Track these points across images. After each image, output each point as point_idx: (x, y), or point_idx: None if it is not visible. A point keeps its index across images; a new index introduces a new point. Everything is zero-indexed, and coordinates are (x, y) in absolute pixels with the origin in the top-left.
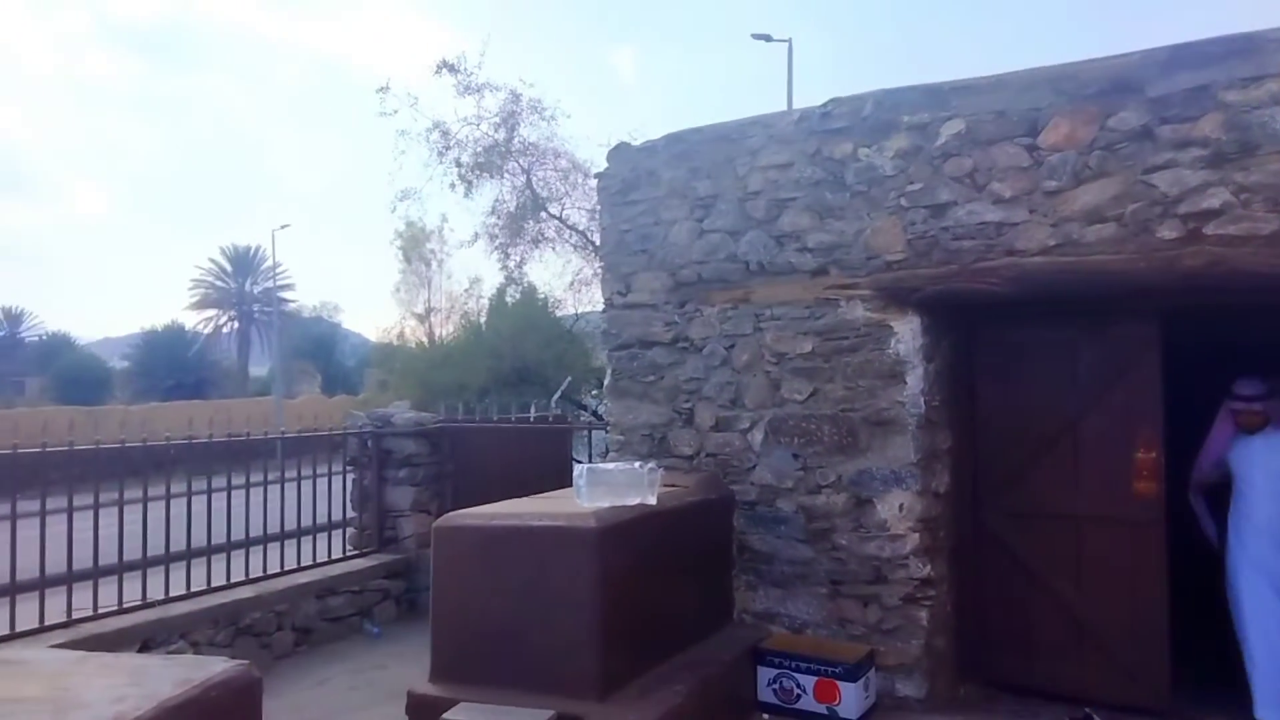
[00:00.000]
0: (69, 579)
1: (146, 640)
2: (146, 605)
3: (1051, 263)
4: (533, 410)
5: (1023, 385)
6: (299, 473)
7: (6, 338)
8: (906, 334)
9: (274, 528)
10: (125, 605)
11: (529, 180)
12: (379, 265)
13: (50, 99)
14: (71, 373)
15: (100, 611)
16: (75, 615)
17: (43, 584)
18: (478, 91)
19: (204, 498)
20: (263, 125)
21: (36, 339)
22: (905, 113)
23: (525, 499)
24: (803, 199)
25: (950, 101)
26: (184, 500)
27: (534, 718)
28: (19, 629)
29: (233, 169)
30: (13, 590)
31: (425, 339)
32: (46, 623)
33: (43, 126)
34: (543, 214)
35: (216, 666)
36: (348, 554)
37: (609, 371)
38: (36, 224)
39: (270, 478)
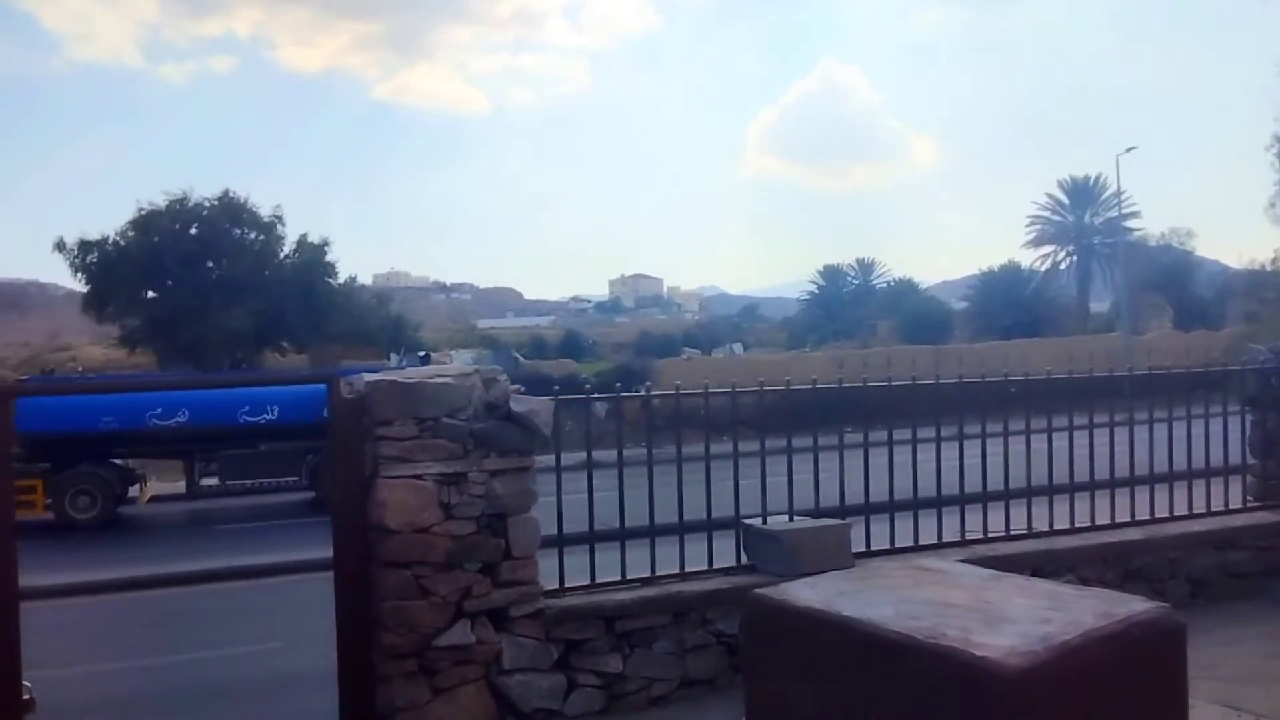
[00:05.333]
0: (960, 501)
1: (1035, 568)
2: (1033, 535)
3: None
4: None
5: None
6: (1150, 414)
7: (860, 286)
8: None
9: (1143, 469)
10: (1013, 532)
11: None
12: (1246, 182)
13: (889, 63)
14: (915, 315)
15: (990, 535)
16: (968, 536)
17: (939, 503)
18: None
19: (1084, 433)
20: (1092, 48)
21: (884, 285)
22: None
23: None
24: None
25: None
26: (1064, 435)
27: None
28: (921, 542)
29: (1063, 99)
30: (915, 506)
31: None
32: (944, 540)
33: (885, 90)
34: None
35: (1137, 605)
36: (1248, 504)
37: None
38: (882, 182)
39: (1120, 419)
